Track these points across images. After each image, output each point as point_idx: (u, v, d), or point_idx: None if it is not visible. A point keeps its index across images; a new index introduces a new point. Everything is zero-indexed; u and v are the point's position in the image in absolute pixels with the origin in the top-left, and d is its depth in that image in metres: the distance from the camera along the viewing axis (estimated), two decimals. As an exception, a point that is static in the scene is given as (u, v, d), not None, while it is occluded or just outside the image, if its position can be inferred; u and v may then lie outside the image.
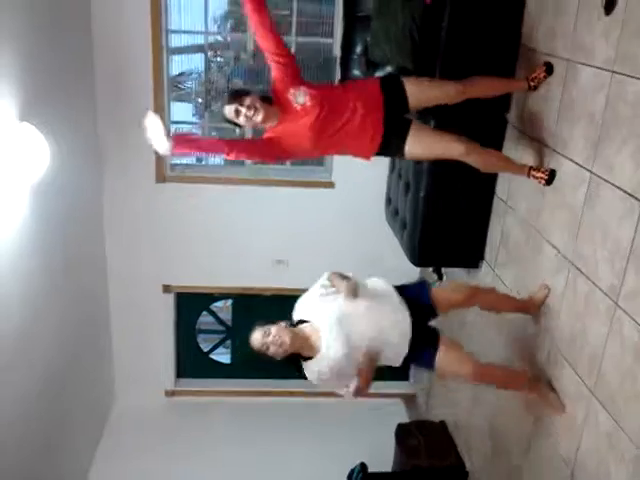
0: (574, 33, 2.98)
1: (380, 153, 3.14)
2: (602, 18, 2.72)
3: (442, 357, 2.97)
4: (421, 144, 3.08)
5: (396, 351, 2.93)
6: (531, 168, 3.22)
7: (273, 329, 2.80)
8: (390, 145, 3.08)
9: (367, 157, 3.17)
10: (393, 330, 2.90)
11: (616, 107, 2.63)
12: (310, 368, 2.88)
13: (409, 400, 5.85)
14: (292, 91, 2.93)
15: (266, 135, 3.02)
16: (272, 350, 2.80)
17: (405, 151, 3.08)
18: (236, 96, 2.90)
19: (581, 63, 2.91)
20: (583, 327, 2.85)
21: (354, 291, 2.88)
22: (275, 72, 2.95)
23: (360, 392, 2.81)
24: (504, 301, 3.42)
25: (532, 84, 3.24)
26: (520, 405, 3.48)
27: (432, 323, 3.13)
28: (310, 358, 2.86)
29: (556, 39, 3.15)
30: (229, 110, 2.89)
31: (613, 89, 2.66)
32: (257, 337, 2.83)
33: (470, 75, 3.21)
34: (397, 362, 2.98)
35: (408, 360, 2.98)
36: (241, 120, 2.89)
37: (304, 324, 2.92)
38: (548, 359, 3.17)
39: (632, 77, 2.52)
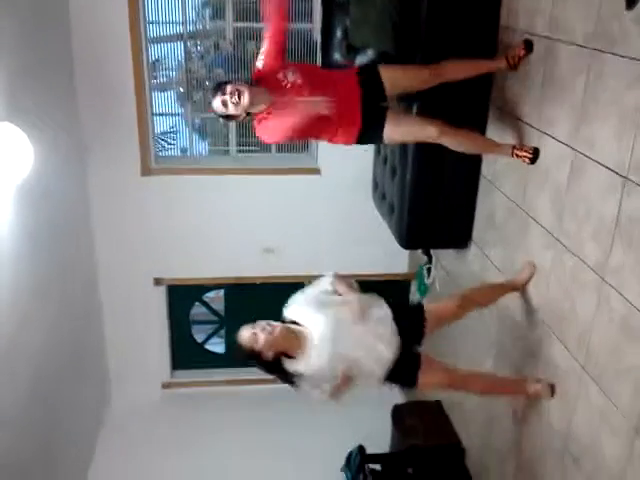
0: (552, 11, 2.98)
1: (360, 140, 3.17)
2: (580, -5, 2.73)
3: (422, 379, 2.95)
4: (398, 130, 3.14)
5: (369, 379, 2.87)
6: (514, 147, 3.24)
7: (263, 322, 2.74)
8: (369, 132, 3.13)
9: (349, 142, 3.19)
10: (373, 361, 2.83)
11: (596, 84, 2.65)
12: (292, 367, 2.76)
13: (404, 381, 5.90)
14: (282, 71, 2.95)
15: (258, 118, 2.99)
16: (262, 338, 2.66)
17: (383, 137, 3.14)
18: (218, 88, 2.88)
19: (561, 41, 2.92)
20: (572, 303, 2.89)
21: (362, 312, 2.84)
22: (269, 55, 2.98)
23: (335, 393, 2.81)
24: (492, 294, 3.41)
25: (512, 62, 3.22)
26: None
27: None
28: (293, 358, 2.76)
29: (535, 17, 3.15)
30: (217, 105, 2.88)
31: (593, 66, 2.66)
32: (245, 330, 2.73)
33: (451, 56, 3.22)
34: (372, 385, 2.91)
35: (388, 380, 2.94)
36: (230, 109, 2.85)
37: (295, 325, 2.83)
38: (540, 337, 3.21)
39: (611, 54, 2.53)
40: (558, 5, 2.93)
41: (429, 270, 4.98)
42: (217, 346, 6.30)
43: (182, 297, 5.84)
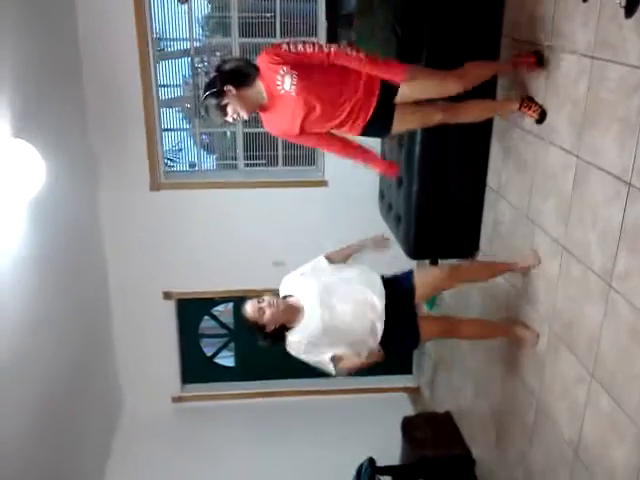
0: (554, 21, 3.01)
1: (365, 133, 3.06)
2: (580, 5, 2.75)
3: (422, 330, 3.14)
4: (405, 120, 3.06)
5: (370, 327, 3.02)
6: (523, 104, 3.22)
7: (265, 296, 2.93)
8: (375, 125, 3.02)
9: (353, 133, 3.07)
10: (368, 309, 3.03)
11: (598, 92, 2.66)
12: (291, 338, 2.97)
13: (413, 393, 5.89)
14: (283, 70, 2.76)
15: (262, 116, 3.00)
16: (268, 314, 2.86)
17: (391, 129, 3.05)
18: (219, 107, 2.77)
19: (562, 50, 2.94)
20: (579, 310, 2.89)
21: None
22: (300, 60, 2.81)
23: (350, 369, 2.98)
24: (488, 271, 3.56)
25: (514, 64, 3.23)
26: (522, 391, 3.52)
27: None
28: (292, 328, 2.98)
29: (537, 27, 3.18)
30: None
31: (594, 74, 2.69)
32: (251, 306, 2.92)
33: (456, 65, 3.20)
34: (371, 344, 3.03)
35: (391, 344, 3.07)
36: (228, 119, 2.85)
37: (288, 297, 3.05)
38: (547, 345, 3.20)
39: (612, 62, 2.55)
40: (559, 15, 2.96)
41: (437, 281, 4.97)
42: (227, 359, 6.32)
43: (191, 311, 5.86)
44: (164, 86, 5.66)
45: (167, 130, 5.55)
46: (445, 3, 3.47)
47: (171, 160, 6.66)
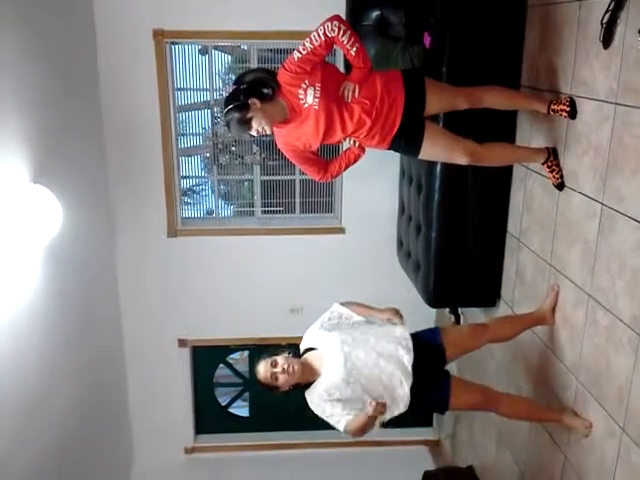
0: (575, 69, 3.01)
1: (393, 147, 3.03)
2: (601, 52, 2.75)
3: (454, 398, 2.92)
4: (434, 147, 3.01)
5: (395, 394, 2.78)
6: (549, 159, 3.16)
7: (279, 359, 2.75)
8: (404, 140, 2.98)
9: (381, 146, 3.03)
10: (391, 365, 2.79)
11: (622, 138, 2.63)
12: (312, 393, 2.79)
13: (434, 446, 5.71)
14: (305, 84, 2.79)
15: (276, 130, 2.95)
16: (282, 379, 2.72)
17: (420, 151, 3.01)
18: (244, 121, 2.76)
19: (584, 97, 2.93)
20: (607, 361, 2.79)
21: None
22: (305, 62, 2.77)
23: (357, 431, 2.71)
24: (515, 324, 3.41)
25: (551, 109, 3.10)
26: (549, 446, 3.38)
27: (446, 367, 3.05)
28: (311, 383, 2.81)
29: (557, 76, 3.18)
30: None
31: (618, 120, 2.66)
32: (264, 368, 2.77)
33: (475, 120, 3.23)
34: (398, 407, 2.78)
35: (416, 405, 2.83)
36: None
37: (310, 352, 2.89)
38: (575, 397, 3.09)
39: (636, 107, 2.53)
40: (579, 63, 2.96)
41: (457, 330, 4.88)
42: (241, 409, 6.19)
43: (206, 359, 5.78)
44: (183, 134, 5.71)
45: (185, 177, 5.59)
46: (464, 56, 3.50)
47: (189, 200, 6.64)
